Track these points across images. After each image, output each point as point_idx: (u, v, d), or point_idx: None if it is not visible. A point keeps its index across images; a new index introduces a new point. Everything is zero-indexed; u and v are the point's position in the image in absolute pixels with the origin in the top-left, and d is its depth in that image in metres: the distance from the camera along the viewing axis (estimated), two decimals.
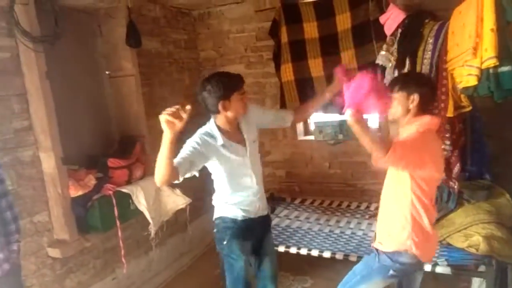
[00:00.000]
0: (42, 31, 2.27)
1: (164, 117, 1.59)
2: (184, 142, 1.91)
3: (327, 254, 2.55)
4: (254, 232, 2.09)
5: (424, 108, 1.79)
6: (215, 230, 2.12)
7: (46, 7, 2.33)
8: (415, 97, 1.76)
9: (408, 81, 1.82)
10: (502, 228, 2.25)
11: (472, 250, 2.23)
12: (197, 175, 1.92)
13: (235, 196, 2.06)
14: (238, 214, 2.05)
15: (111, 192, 2.56)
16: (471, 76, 1.95)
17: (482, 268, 2.18)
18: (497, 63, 1.80)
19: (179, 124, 1.61)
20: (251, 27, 3.70)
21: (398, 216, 1.80)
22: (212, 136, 1.96)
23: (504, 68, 1.86)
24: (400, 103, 1.79)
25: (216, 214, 2.11)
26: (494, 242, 2.19)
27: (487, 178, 2.59)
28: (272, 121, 2.25)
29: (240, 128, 2.05)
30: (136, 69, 3.03)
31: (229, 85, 1.91)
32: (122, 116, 3.08)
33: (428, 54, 2.42)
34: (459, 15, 2.13)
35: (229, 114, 1.95)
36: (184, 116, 1.61)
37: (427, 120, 1.78)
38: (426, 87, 1.81)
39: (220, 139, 1.95)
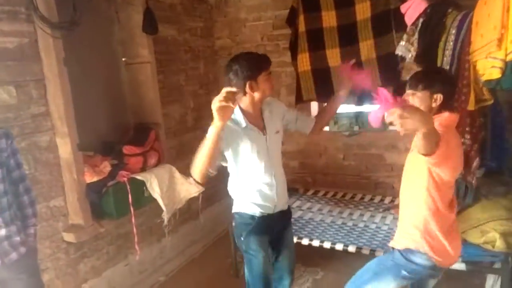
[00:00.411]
0: (60, 17, 2.28)
1: (216, 105, 1.51)
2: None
3: (339, 247, 2.53)
4: (273, 228, 2.06)
5: (445, 106, 1.72)
6: (233, 224, 2.10)
7: None
8: (439, 97, 1.68)
9: (432, 79, 1.72)
10: None
11: (488, 246, 2.20)
12: (225, 164, 1.94)
13: (251, 190, 1.99)
14: (256, 211, 1.99)
15: (125, 179, 2.58)
16: (495, 69, 1.89)
17: (497, 265, 2.14)
18: None
19: (232, 107, 1.54)
20: (267, 15, 3.66)
21: (414, 212, 1.75)
22: (235, 121, 1.92)
23: None
24: (422, 102, 1.70)
25: (235, 209, 2.07)
26: (511, 239, 2.14)
27: (506, 174, 2.53)
28: (294, 121, 2.14)
29: (263, 116, 2.00)
30: (152, 56, 3.02)
31: (256, 65, 1.87)
32: (138, 103, 3.09)
33: (450, 45, 2.35)
34: (484, 5, 2.06)
35: (256, 95, 1.90)
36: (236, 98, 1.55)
37: (446, 116, 1.70)
38: (450, 85, 1.74)
39: (243, 122, 1.91)
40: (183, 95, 3.49)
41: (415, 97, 1.72)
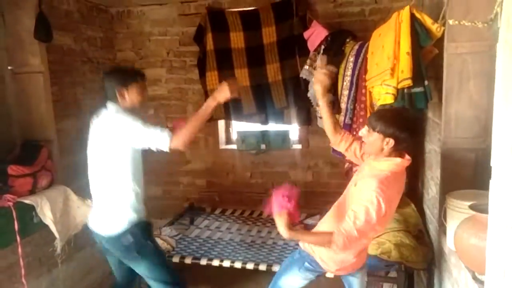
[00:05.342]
0: None
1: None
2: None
3: (250, 266, 2.52)
4: None
5: (399, 150, 1.76)
6: (130, 240, 2.05)
7: None
8: (391, 142, 1.70)
9: (389, 122, 1.72)
10: (409, 236, 2.44)
11: (385, 257, 2.38)
12: None
13: (139, 194, 2.13)
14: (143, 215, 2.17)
15: (11, 204, 2.25)
16: (388, 95, 2.09)
17: (393, 273, 2.33)
18: (411, 84, 1.96)
19: None
20: (174, 31, 3.58)
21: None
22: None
23: (417, 89, 2.03)
24: (374, 142, 1.75)
25: (130, 221, 2.08)
26: (403, 249, 2.35)
27: None
28: None
29: None
30: (45, 66, 2.73)
31: (127, 76, 2.09)
32: (26, 118, 2.75)
33: (349, 72, 2.56)
34: (378, 37, 2.28)
35: (126, 103, 2.07)
36: None
37: (398, 162, 1.75)
38: (406, 133, 1.72)
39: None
40: (81, 109, 3.21)
41: (369, 136, 1.77)
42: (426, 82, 2.00)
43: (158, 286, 2.17)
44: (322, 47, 2.81)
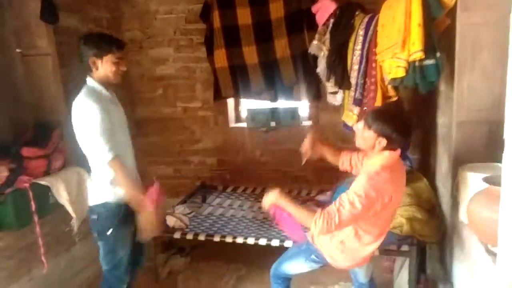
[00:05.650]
0: None
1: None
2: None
3: (263, 242, 2.56)
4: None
5: (391, 147, 1.79)
6: (95, 217, 2.06)
7: None
8: (383, 141, 1.76)
9: (386, 123, 1.76)
10: (421, 210, 2.44)
11: (397, 231, 2.39)
12: None
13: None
14: (121, 198, 2.02)
15: (27, 185, 2.29)
16: (400, 68, 2.05)
17: (405, 247, 2.34)
18: (423, 57, 1.92)
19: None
20: (180, 9, 3.54)
21: None
22: (100, 94, 2.01)
23: (429, 62, 1.99)
24: (368, 139, 1.80)
25: (99, 200, 2.05)
26: (415, 223, 2.36)
27: (407, 164, 2.78)
28: None
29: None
30: (52, 48, 2.73)
31: (104, 45, 1.95)
32: (37, 100, 2.76)
33: (358, 46, 2.51)
34: (388, 9, 2.23)
35: (99, 73, 1.98)
36: None
37: (387, 155, 1.80)
38: (400, 135, 1.78)
39: (104, 91, 2.03)
40: None
41: (364, 132, 1.82)
42: (438, 54, 1.96)
43: (103, 270, 2.23)
44: (331, 21, 2.75)
